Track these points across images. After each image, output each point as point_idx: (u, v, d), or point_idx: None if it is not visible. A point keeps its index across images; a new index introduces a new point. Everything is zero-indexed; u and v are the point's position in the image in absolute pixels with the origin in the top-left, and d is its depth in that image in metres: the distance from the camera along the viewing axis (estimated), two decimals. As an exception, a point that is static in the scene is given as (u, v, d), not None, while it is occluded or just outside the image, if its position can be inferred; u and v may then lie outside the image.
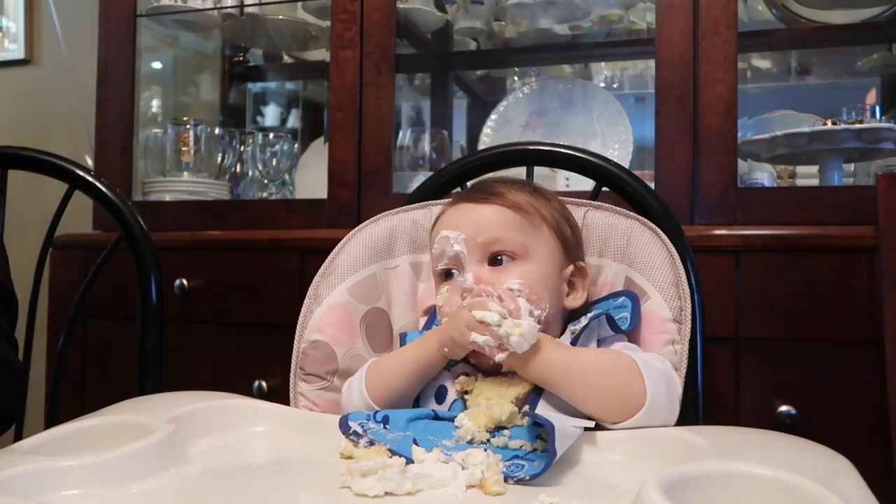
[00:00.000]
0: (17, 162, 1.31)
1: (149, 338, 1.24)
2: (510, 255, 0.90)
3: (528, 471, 0.71)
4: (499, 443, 0.77)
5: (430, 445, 0.76)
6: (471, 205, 0.94)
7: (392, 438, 0.77)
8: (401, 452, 0.74)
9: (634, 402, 0.80)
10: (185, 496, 0.68)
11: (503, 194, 0.93)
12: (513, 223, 0.91)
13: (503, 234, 0.91)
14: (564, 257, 0.95)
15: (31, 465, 0.65)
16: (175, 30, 2.16)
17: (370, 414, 0.82)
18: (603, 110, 1.88)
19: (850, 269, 1.32)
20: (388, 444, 0.76)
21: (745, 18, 1.81)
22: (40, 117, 2.35)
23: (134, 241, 1.26)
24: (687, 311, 0.94)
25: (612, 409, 0.81)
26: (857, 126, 1.50)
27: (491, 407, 0.80)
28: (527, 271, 0.90)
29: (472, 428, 0.78)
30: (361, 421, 0.80)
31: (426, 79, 2.26)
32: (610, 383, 0.82)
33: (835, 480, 0.63)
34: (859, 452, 0.78)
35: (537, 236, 0.92)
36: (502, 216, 0.92)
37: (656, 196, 1.14)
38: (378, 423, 0.81)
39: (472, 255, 0.91)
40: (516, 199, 0.93)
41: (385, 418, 0.82)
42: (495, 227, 0.91)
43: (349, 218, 1.68)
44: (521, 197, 0.94)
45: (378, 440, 0.77)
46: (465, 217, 0.93)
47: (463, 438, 0.78)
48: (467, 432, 0.78)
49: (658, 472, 0.60)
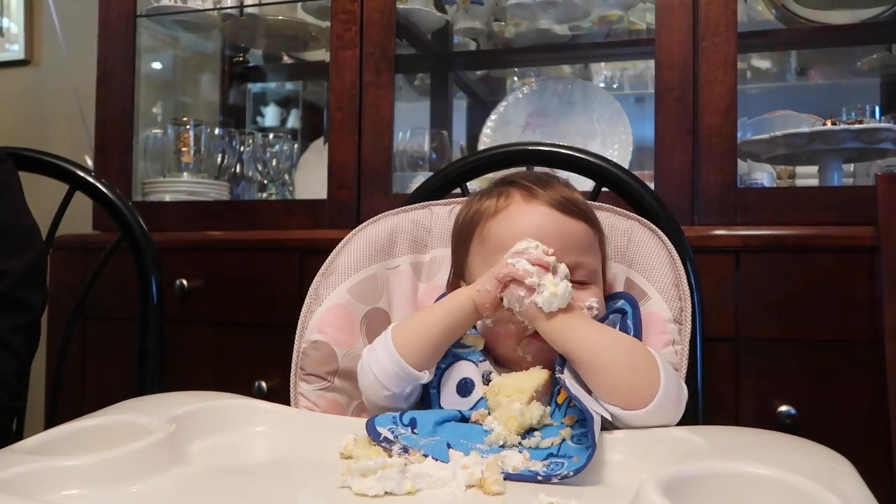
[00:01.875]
0: (19, 162, 1.32)
1: (149, 338, 1.24)
2: (586, 280, 0.90)
3: (569, 467, 0.71)
4: (531, 443, 0.77)
5: (466, 449, 0.75)
6: (560, 215, 0.91)
7: (426, 444, 0.76)
8: (439, 458, 0.73)
9: (648, 392, 0.79)
10: (185, 496, 0.68)
11: (586, 210, 0.93)
12: (594, 248, 0.93)
13: (587, 258, 0.90)
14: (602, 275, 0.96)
15: (32, 464, 0.65)
16: (175, 30, 2.16)
17: (396, 417, 0.81)
18: (603, 111, 1.88)
19: (850, 270, 1.33)
20: (423, 449, 0.75)
21: (744, 19, 1.81)
22: (40, 117, 2.35)
23: (134, 242, 1.26)
24: (687, 312, 0.94)
25: (626, 393, 0.80)
26: (856, 126, 1.50)
27: (522, 413, 0.79)
28: (596, 294, 0.91)
29: (503, 433, 0.78)
30: (391, 426, 0.79)
31: (426, 79, 2.26)
32: (630, 365, 0.81)
33: (834, 480, 0.63)
34: (859, 453, 0.78)
35: (598, 258, 0.94)
36: (588, 239, 0.92)
37: (656, 196, 1.14)
38: (406, 426, 0.80)
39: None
40: (594, 218, 0.94)
41: (412, 421, 0.81)
42: (582, 249, 0.90)
43: (349, 218, 1.68)
44: (588, 207, 0.94)
45: (412, 446, 0.75)
46: (555, 229, 0.90)
47: (495, 443, 0.77)
48: (499, 437, 0.77)
49: (657, 472, 0.60)
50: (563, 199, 0.92)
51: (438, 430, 0.80)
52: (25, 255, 1.06)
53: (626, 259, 1.01)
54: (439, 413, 0.84)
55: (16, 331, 1.04)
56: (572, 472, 0.70)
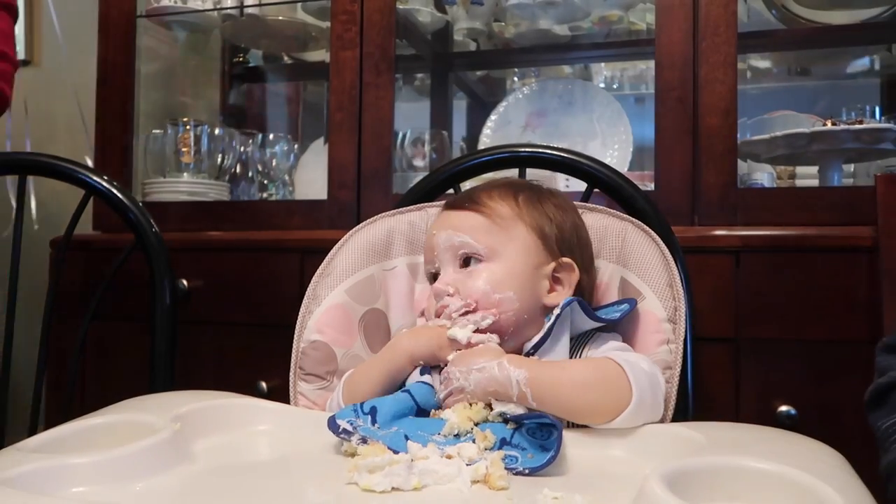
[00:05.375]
0: (34, 168, 1.35)
1: (161, 340, 1.26)
2: (478, 257, 0.94)
3: (524, 463, 0.73)
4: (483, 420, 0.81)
5: (423, 441, 0.77)
6: (447, 211, 1.01)
7: (384, 435, 0.79)
8: (396, 449, 0.75)
9: (620, 406, 0.81)
10: (191, 494, 0.68)
11: (478, 199, 0.98)
12: (481, 226, 0.95)
13: (470, 237, 0.95)
14: (545, 254, 0.96)
15: (39, 462, 0.66)
16: (175, 30, 2.16)
17: (356, 407, 0.84)
18: (603, 111, 1.88)
19: (850, 270, 1.33)
20: (381, 440, 0.77)
21: (744, 19, 1.81)
22: (40, 118, 2.35)
23: (147, 247, 1.29)
24: (681, 311, 0.96)
25: (597, 415, 0.82)
26: (856, 127, 1.50)
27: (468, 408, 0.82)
28: (492, 271, 0.93)
29: (456, 422, 0.80)
30: (350, 419, 0.81)
31: (426, 79, 2.26)
32: (597, 391, 0.82)
33: (830, 473, 0.64)
34: (858, 453, 0.79)
35: (509, 236, 0.95)
36: (471, 220, 0.96)
37: (647, 198, 1.15)
38: (366, 414, 0.83)
39: (445, 258, 0.96)
40: (491, 203, 0.97)
41: (372, 409, 0.83)
42: (464, 230, 0.95)
43: (349, 219, 1.68)
44: (497, 201, 0.97)
45: (370, 437, 0.78)
46: (442, 222, 0.99)
47: (450, 433, 0.80)
48: (452, 427, 0.80)
49: (660, 466, 0.60)
50: (458, 200, 1.01)
51: (396, 423, 0.83)
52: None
53: (620, 259, 1.02)
54: (398, 403, 0.86)
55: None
56: (527, 470, 0.73)
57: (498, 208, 0.96)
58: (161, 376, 1.24)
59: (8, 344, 1.31)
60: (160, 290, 1.27)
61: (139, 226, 1.29)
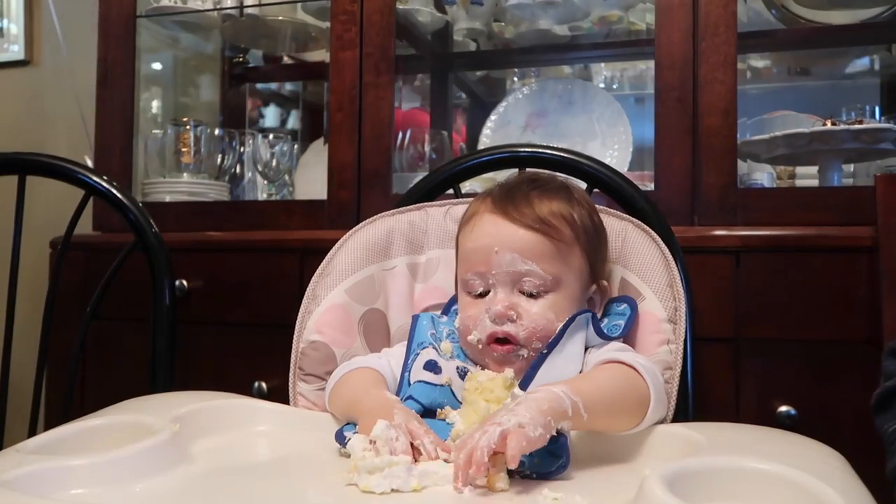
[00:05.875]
0: (34, 168, 1.35)
1: (160, 340, 1.26)
2: (543, 288, 0.90)
3: (532, 468, 0.72)
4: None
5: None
6: (508, 221, 0.92)
7: None
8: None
9: (643, 408, 0.82)
10: (190, 495, 0.68)
11: (544, 218, 0.91)
12: (547, 254, 0.90)
13: (537, 265, 0.89)
14: (590, 278, 0.95)
15: (38, 464, 0.65)
16: (175, 30, 2.16)
17: None
18: (603, 111, 1.88)
19: (850, 270, 1.33)
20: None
21: (744, 19, 1.81)
22: (40, 118, 2.35)
23: (147, 247, 1.30)
24: (682, 312, 0.96)
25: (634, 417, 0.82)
26: (856, 127, 1.50)
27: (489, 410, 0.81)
28: (555, 301, 0.90)
29: (462, 429, 0.79)
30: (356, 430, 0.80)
31: (426, 80, 2.26)
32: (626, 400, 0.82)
33: (830, 474, 0.65)
34: (858, 453, 0.79)
35: (570, 265, 0.91)
36: (539, 246, 0.90)
37: (647, 198, 1.15)
38: None
39: (503, 280, 0.90)
40: (555, 223, 0.91)
41: None
42: (531, 257, 0.89)
43: (349, 219, 1.68)
44: (560, 220, 0.91)
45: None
46: (505, 239, 0.91)
47: (456, 438, 0.78)
48: (458, 433, 0.79)
49: (660, 467, 0.60)
50: (514, 207, 0.92)
51: None
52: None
53: (620, 259, 1.02)
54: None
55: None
56: (535, 475, 0.72)
57: (561, 229, 0.91)
58: (161, 376, 1.24)
59: (8, 344, 1.31)
60: (160, 290, 1.27)
61: (139, 226, 1.29)
